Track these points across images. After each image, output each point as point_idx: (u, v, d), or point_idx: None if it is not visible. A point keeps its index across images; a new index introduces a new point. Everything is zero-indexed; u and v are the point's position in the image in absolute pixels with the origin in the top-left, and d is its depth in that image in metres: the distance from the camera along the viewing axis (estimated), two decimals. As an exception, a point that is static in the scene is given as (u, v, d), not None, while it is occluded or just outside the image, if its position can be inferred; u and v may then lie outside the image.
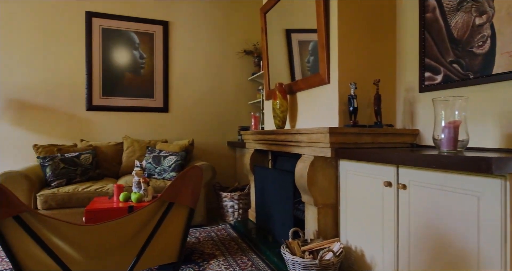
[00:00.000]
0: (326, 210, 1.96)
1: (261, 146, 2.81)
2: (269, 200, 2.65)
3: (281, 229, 2.42)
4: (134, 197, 2.22)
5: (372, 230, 1.68)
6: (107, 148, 3.34)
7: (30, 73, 3.34)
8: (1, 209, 0.90)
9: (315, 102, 2.29)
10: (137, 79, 3.69)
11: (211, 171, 3.11)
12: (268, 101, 3.09)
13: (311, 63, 2.36)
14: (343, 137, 1.82)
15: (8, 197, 0.91)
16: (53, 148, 3.00)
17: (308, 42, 2.39)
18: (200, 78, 3.96)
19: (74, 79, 3.48)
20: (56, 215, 2.65)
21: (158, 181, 3.01)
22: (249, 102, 4.09)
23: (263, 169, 2.78)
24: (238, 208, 3.23)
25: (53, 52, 3.41)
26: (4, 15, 3.25)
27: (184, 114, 3.89)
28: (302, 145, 2.07)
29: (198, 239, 2.72)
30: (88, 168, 2.98)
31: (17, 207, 0.92)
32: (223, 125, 4.05)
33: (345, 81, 2.04)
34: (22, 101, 3.31)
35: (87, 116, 3.53)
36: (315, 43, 2.28)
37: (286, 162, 2.65)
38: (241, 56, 4.11)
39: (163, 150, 3.26)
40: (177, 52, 3.85)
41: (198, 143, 3.94)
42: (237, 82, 4.11)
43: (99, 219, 2.07)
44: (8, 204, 0.91)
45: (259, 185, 2.88)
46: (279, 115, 2.49)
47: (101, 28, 3.55)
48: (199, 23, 3.94)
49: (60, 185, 2.75)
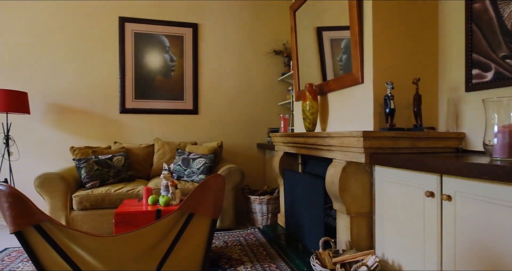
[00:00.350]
0: (360, 219, 1.83)
1: (291, 149, 2.71)
2: (299, 205, 2.55)
3: (312, 236, 2.31)
4: (162, 201, 2.21)
5: (412, 243, 1.53)
6: (138, 150, 3.41)
7: (69, 78, 3.48)
8: (22, 218, 0.89)
9: (347, 103, 2.15)
10: (167, 82, 3.73)
11: (240, 174, 3.06)
12: (298, 102, 2.98)
13: (344, 62, 2.23)
14: (378, 141, 1.69)
15: (28, 206, 0.89)
16: (88, 150, 3.10)
17: (341, 40, 2.26)
18: (229, 79, 3.93)
19: (109, 83, 3.58)
20: (90, 215, 2.73)
21: (187, 183, 3.01)
22: (278, 104, 4.01)
23: (293, 173, 2.68)
24: (267, 212, 3.16)
25: (89, 57, 3.53)
26: (44, 24, 3.41)
27: (213, 116, 3.88)
28: (333, 149, 1.96)
29: (226, 243, 2.68)
30: (120, 169, 3.05)
31: (37, 216, 0.90)
32: (253, 127, 4.00)
33: (381, 81, 1.89)
34: (61, 105, 3.46)
35: (120, 119, 3.62)
36: (348, 41, 2.15)
37: (316, 166, 2.53)
38: (271, 56, 4.04)
39: (192, 152, 3.26)
40: (206, 54, 3.85)
41: (227, 145, 3.91)
42: (266, 83, 4.04)
43: (128, 221, 2.08)
44: (29, 213, 0.89)
45: (288, 189, 2.78)
46: (309, 117, 2.38)
47: (133, 32, 3.63)
48: (228, 24, 3.91)
49: (94, 186, 2.83)
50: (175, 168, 3.17)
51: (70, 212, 2.71)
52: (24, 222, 0.89)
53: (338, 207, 1.89)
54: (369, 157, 1.70)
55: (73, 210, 2.72)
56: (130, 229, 2.07)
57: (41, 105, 3.41)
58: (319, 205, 2.19)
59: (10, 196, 0.89)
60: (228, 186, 3.02)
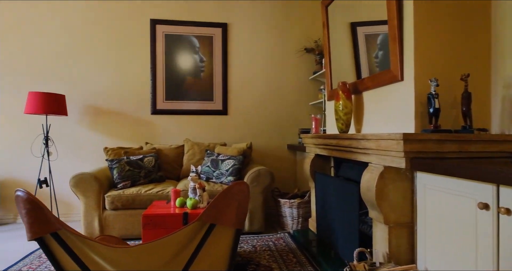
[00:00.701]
0: (399, 230, 1.67)
1: (322, 151, 2.58)
2: (331, 211, 2.41)
3: (345, 244, 2.17)
4: (189, 203, 2.18)
5: (460, 259, 1.36)
6: (169, 150, 3.43)
7: (103, 80, 3.58)
8: (38, 226, 0.86)
9: (385, 103, 1.99)
10: (197, 83, 3.72)
11: (269, 176, 2.97)
12: (330, 102, 2.84)
13: (380, 59, 2.09)
14: (420, 145, 1.52)
15: (45, 214, 0.86)
16: (121, 151, 3.15)
17: (377, 35, 2.12)
18: (259, 79, 3.85)
19: (140, 84, 3.64)
20: (121, 215, 2.77)
21: (216, 185, 2.97)
22: (310, 103, 3.87)
23: (325, 177, 2.55)
24: (298, 216, 3.04)
25: (122, 60, 3.61)
26: (79, 28, 3.53)
27: (243, 116, 3.82)
28: (369, 152, 1.81)
29: (255, 248, 2.60)
30: (151, 170, 3.07)
31: (53, 224, 0.87)
32: (283, 127, 3.89)
33: (423, 78, 1.72)
34: (96, 107, 3.57)
35: (152, 120, 3.67)
36: (385, 36, 1.99)
37: (350, 169, 2.38)
38: (302, 54, 3.90)
39: (221, 153, 3.22)
40: (236, 54, 3.80)
41: (256, 146, 3.84)
42: (297, 82, 3.92)
43: (155, 223, 2.06)
44: (45, 221, 0.86)
45: (320, 193, 2.65)
46: (342, 118, 2.24)
47: (164, 34, 3.66)
48: (258, 23, 3.83)
49: (125, 187, 2.87)
50: (204, 169, 3.15)
51: (103, 212, 2.77)
52: (40, 230, 0.85)
53: (375, 216, 1.74)
54: (409, 161, 1.54)
55: (105, 210, 2.78)
56: (157, 231, 2.06)
57: (78, 107, 3.53)
58: (353, 212, 2.04)
59: (27, 203, 0.86)
60: (257, 189, 2.94)
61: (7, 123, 3.41)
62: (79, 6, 3.52)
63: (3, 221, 3.40)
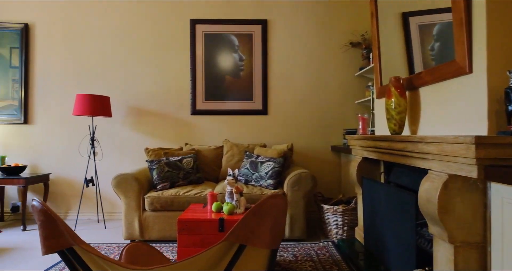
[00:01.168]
0: (468, 251, 1.40)
1: (371, 154, 2.33)
2: (381, 221, 2.17)
3: (398, 260, 1.92)
4: (225, 208, 2.07)
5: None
6: (208, 151, 3.37)
7: (145, 81, 3.63)
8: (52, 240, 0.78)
9: (448, 100, 1.72)
10: (236, 82, 3.63)
11: (312, 180, 2.78)
12: (379, 100, 2.58)
13: (437, 51, 1.86)
14: (497, 150, 1.25)
15: (58, 228, 0.78)
16: (161, 151, 3.16)
17: (432, 25, 1.91)
18: (301, 77, 3.66)
19: (181, 85, 3.64)
20: (160, 216, 2.75)
21: (255, 188, 2.85)
22: (356, 102, 3.59)
23: (374, 183, 2.30)
24: (343, 224, 2.81)
25: (162, 61, 3.63)
26: (122, 31, 3.60)
27: (284, 116, 3.66)
28: (429, 157, 1.56)
29: (296, 257, 2.43)
30: (190, 171, 3.03)
31: (67, 239, 0.78)
32: (326, 128, 3.66)
33: (498, 69, 1.43)
34: (139, 108, 3.62)
35: (191, 120, 3.65)
36: (442, 25, 1.76)
37: (404, 176, 2.12)
38: (347, 49, 3.64)
39: (260, 155, 3.09)
40: (276, 51, 3.65)
41: (298, 147, 3.65)
42: (342, 79, 3.66)
43: (190, 229, 1.98)
44: (58, 236, 0.78)
45: (368, 200, 2.41)
46: (395, 117, 1.98)
47: (204, 33, 3.62)
48: (299, 17, 3.64)
49: (164, 188, 2.85)
50: (242, 171, 3.04)
51: (143, 213, 2.77)
52: (53, 245, 0.78)
53: (437, 232, 1.49)
54: (483, 170, 1.28)
55: (145, 211, 2.78)
56: (192, 237, 1.97)
57: (121, 108, 3.61)
58: (409, 225, 1.79)
59: (41, 214, 0.79)
60: (298, 193, 2.77)
61: (59, 125, 3.59)
62: (122, 9, 3.60)
63: (54, 217, 3.58)
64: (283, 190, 2.82)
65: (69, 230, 0.80)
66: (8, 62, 3.56)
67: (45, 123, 3.59)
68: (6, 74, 3.56)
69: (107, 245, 2.70)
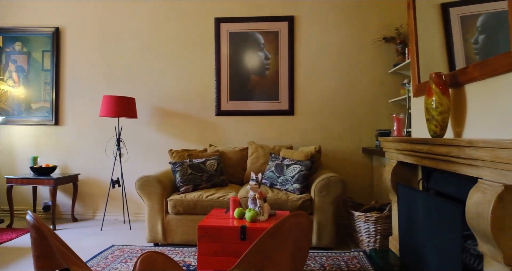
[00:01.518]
0: (529, 276, 1.19)
1: (407, 158, 2.12)
2: (419, 232, 1.96)
3: (439, 279, 1.71)
4: (248, 215, 1.96)
5: None
6: (232, 153, 3.28)
7: (170, 82, 3.60)
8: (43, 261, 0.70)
9: (501, 98, 1.49)
10: (261, 82, 3.51)
11: (341, 185, 2.60)
12: (417, 98, 2.35)
13: (481, 44, 1.68)
14: None
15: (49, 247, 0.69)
16: (184, 153, 3.10)
17: (477, 16, 1.71)
18: (329, 75, 3.47)
19: (205, 85, 3.57)
20: (183, 220, 2.69)
21: (280, 193, 2.71)
22: (390, 101, 3.35)
23: (411, 191, 2.09)
24: (375, 232, 2.60)
25: (187, 61, 3.58)
26: (146, 32, 3.60)
27: (311, 117, 3.49)
28: (478, 164, 1.35)
29: (324, 268, 2.27)
30: (213, 174, 2.95)
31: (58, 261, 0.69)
32: (357, 128, 3.45)
33: None
34: (164, 109, 3.60)
35: (216, 121, 3.57)
36: (488, 16, 1.58)
37: (447, 183, 1.89)
38: (379, 44, 3.41)
39: (286, 158, 2.95)
40: (303, 49, 3.49)
41: (326, 149, 3.47)
42: (374, 77, 3.43)
43: (211, 236, 1.89)
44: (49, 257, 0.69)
45: (404, 208, 2.20)
46: (436, 118, 1.77)
47: (228, 32, 3.53)
48: (327, 12, 3.46)
49: (187, 191, 2.79)
50: (267, 175, 2.91)
51: (166, 216, 2.72)
52: (44, 266, 0.69)
53: (488, 251, 1.28)
54: (550, 181, 1.07)
55: (168, 214, 2.73)
56: (213, 245, 1.88)
57: (146, 109, 3.61)
58: (454, 239, 1.58)
59: (33, 230, 0.71)
60: (326, 199, 2.60)
61: (87, 126, 3.65)
62: (146, 11, 3.59)
63: (83, 217, 3.64)
64: (310, 195, 2.66)
65: (62, 249, 0.72)
66: (40, 66, 3.67)
67: (74, 124, 3.66)
68: (39, 77, 3.67)
69: (130, 248, 2.68)
